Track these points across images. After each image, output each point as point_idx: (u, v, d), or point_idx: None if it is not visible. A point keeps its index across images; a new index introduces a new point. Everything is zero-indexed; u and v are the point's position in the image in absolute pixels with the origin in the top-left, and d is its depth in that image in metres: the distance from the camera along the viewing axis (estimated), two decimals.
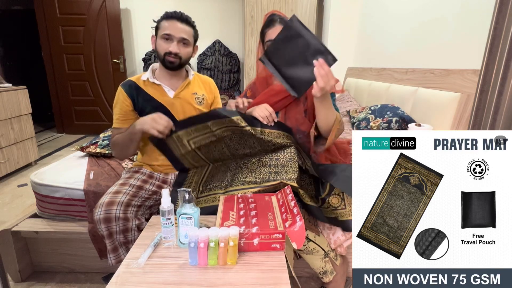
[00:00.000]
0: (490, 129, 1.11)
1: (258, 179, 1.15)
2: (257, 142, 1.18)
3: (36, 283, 1.43)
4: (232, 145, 1.21)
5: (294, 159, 1.15)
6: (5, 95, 2.54)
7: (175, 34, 1.22)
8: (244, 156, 1.23)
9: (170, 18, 1.23)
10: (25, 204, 2.12)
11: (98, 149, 1.74)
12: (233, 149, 1.22)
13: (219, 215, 0.97)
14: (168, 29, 1.22)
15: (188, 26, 1.25)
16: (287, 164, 1.15)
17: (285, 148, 1.18)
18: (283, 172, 1.14)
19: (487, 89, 1.12)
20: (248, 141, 1.19)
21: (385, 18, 2.58)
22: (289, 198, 1.03)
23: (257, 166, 1.18)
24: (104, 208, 1.10)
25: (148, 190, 1.26)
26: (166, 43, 1.23)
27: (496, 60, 1.08)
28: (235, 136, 1.19)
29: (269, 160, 1.18)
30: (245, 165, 1.21)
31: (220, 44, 4.05)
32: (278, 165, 1.16)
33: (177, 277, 0.77)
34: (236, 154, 1.23)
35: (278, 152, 1.18)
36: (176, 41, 1.23)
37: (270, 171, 1.16)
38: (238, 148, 1.21)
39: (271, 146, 1.18)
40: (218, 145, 1.22)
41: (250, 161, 1.21)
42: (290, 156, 1.16)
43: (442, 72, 1.66)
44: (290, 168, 1.14)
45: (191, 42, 1.28)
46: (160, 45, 1.24)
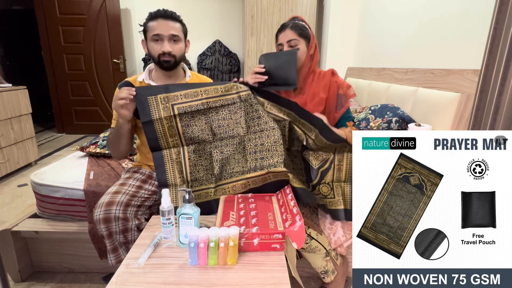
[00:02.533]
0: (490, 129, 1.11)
1: (245, 168, 1.14)
2: (245, 116, 1.17)
3: (36, 283, 1.43)
4: (216, 120, 1.18)
5: (279, 142, 1.14)
6: (5, 95, 2.54)
7: (164, 32, 1.21)
8: (224, 137, 1.19)
9: (155, 18, 1.22)
10: (25, 204, 2.12)
11: (98, 149, 1.74)
12: (215, 126, 1.18)
13: (219, 215, 0.97)
14: (156, 29, 1.21)
15: (175, 22, 1.23)
16: (272, 148, 1.14)
17: (269, 130, 1.17)
18: (269, 157, 1.13)
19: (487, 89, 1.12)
20: (235, 115, 1.18)
21: (385, 18, 2.58)
22: (289, 198, 1.03)
23: (243, 155, 1.17)
24: (104, 208, 1.10)
25: (148, 190, 1.26)
26: (158, 44, 1.23)
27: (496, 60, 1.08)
28: (223, 110, 1.18)
29: (254, 147, 1.17)
30: (231, 156, 1.19)
31: (220, 44, 4.05)
32: (263, 150, 1.15)
33: (177, 277, 0.77)
34: (217, 133, 1.19)
35: (262, 137, 1.17)
36: (166, 39, 1.22)
37: (256, 158, 1.15)
38: (222, 125, 1.18)
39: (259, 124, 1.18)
40: (201, 118, 1.18)
41: (236, 151, 1.19)
42: (274, 139, 1.15)
43: (442, 72, 1.66)
44: (276, 152, 1.13)
45: (182, 38, 1.26)
46: (152, 47, 1.24)
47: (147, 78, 1.30)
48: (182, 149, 1.19)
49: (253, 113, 1.19)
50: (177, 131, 1.17)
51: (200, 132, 1.19)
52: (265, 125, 1.17)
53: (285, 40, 1.26)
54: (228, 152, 1.19)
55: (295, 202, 0.99)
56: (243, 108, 1.19)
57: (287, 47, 1.26)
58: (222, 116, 1.19)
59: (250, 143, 1.17)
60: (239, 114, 1.19)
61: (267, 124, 1.16)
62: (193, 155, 1.19)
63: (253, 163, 1.14)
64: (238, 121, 1.19)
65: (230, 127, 1.19)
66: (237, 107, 1.19)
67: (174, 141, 1.18)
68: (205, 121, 1.18)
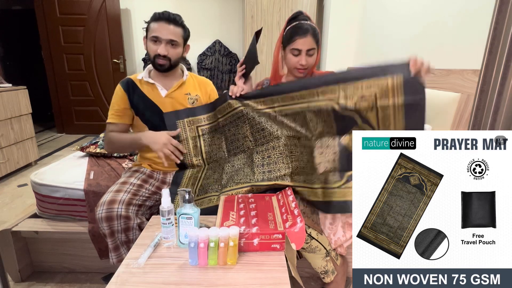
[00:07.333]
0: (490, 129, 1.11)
1: (252, 180, 1.16)
2: (249, 125, 1.22)
3: (36, 283, 1.43)
4: (229, 136, 1.27)
5: (284, 154, 1.15)
6: (5, 95, 2.54)
7: (163, 36, 1.22)
8: (237, 152, 1.26)
9: (159, 19, 1.23)
10: (25, 204, 2.12)
11: (98, 149, 1.74)
12: (229, 142, 1.27)
13: (219, 215, 0.97)
14: (156, 31, 1.22)
15: (176, 26, 1.24)
16: (279, 161, 1.15)
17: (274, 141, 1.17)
18: (276, 170, 1.14)
19: (487, 89, 1.12)
20: (242, 129, 1.24)
21: (385, 18, 2.58)
22: (290, 199, 1.03)
23: (251, 167, 1.19)
24: (106, 207, 1.10)
25: (148, 189, 1.27)
26: (155, 45, 1.24)
27: (496, 60, 1.08)
28: (233, 126, 1.26)
29: (262, 160, 1.18)
30: (241, 169, 1.21)
31: (220, 44, 4.05)
32: (270, 163, 1.16)
33: (177, 277, 0.77)
34: (231, 149, 1.27)
35: (269, 149, 1.18)
36: (164, 43, 1.23)
37: (263, 171, 1.16)
38: (234, 140, 1.27)
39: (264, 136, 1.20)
40: (218, 137, 1.29)
41: (246, 164, 1.21)
42: (280, 151, 1.16)
43: (442, 72, 1.66)
44: (282, 165, 1.14)
45: (180, 43, 1.27)
46: (149, 47, 1.25)
47: (146, 77, 1.33)
48: (204, 168, 1.31)
49: (257, 126, 1.22)
50: (200, 150, 1.31)
51: (218, 150, 1.30)
52: (269, 136, 1.19)
53: (305, 48, 1.23)
54: (239, 166, 1.22)
55: (296, 203, 0.99)
56: (247, 122, 1.23)
57: (305, 55, 1.24)
58: (232, 132, 1.27)
59: (258, 156, 1.19)
60: (245, 128, 1.23)
61: (271, 136, 1.18)
62: (210, 171, 1.29)
63: (260, 176, 1.15)
64: (246, 135, 1.24)
65: (240, 141, 1.25)
66: (242, 121, 1.24)
67: (198, 161, 1.32)
68: (221, 140, 1.28)
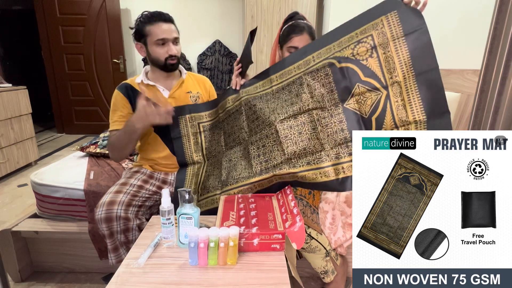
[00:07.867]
0: (490, 129, 1.11)
1: (251, 173, 1.14)
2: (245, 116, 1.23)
3: (36, 283, 1.43)
4: (228, 129, 1.28)
5: (277, 141, 1.12)
6: (5, 95, 2.54)
7: (169, 36, 1.22)
8: (233, 145, 1.26)
9: (155, 21, 1.22)
10: (25, 204, 2.12)
11: (98, 149, 1.74)
12: (227, 135, 1.28)
13: (219, 215, 0.97)
14: (160, 34, 1.21)
15: (172, 23, 1.26)
16: (274, 149, 1.13)
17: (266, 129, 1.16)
18: (272, 159, 1.12)
19: (487, 89, 1.12)
20: (238, 121, 1.25)
21: None
22: (289, 199, 1.03)
23: (248, 160, 1.17)
24: (105, 208, 1.10)
25: (149, 190, 1.26)
26: (163, 48, 1.23)
27: (496, 60, 1.08)
28: (231, 119, 1.28)
29: (257, 150, 1.16)
30: (238, 162, 1.20)
31: (220, 44, 4.05)
32: (266, 153, 1.14)
33: (177, 277, 0.77)
34: (228, 142, 1.28)
35: (263, 138, 1.16)
36: (171, 42, 1.24)
37: (260, 161, 1.14)
38: (231, 133, 1.27)
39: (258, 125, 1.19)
40: (218, 132, 1.31)
41: (242, 157, 1.21)
42: (273, 138, 1.13)
43: (442, 72, 1.65)
44: (278, 152, 1.12)
45: (179, 38, 1.29)
46: (156, 52, 1.24)
47: (145, 79, 1.31)
48: (204, 164, 1.32)
49: (252, 115, 1.21)
50: (201, 147, 1.33)
51: (216, 145, 1.30)
52: (262, 125, 1.17)
53: (302, 45, 1.25)
54: (235, 159, 1.22)
55: (295, 203, 0.99)
56: (244, 112, 1.23)
57: None
58: (230, 125, 1.27)
59: (253, 147, 1.18)
60: (241, 119, 1.23)
61: (264, 123, 1.17)
62: (210, 167, 1.29)
63: (258, 167, 1.14)
64: (241, 126, 1.23)
65: (236, 134, 1.24)
66: (239, 113, 1.24)
67: (198, 157, 1.33)
68: (220, 134, 1.28)
